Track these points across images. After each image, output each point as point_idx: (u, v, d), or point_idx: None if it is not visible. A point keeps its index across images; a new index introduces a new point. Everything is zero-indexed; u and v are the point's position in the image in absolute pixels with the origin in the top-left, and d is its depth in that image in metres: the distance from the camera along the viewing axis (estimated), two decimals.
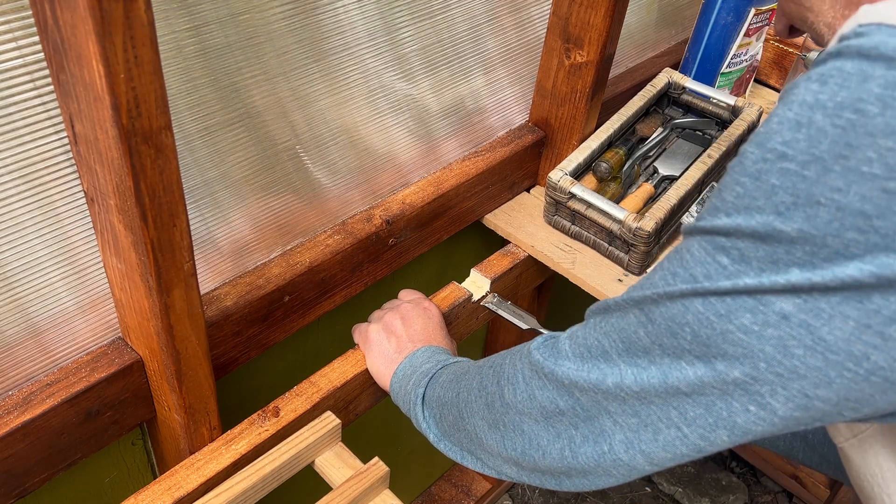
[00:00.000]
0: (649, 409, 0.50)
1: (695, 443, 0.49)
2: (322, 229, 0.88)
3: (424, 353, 0.81)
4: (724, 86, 1.21)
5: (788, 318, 0.42)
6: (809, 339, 0.42)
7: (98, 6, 0.46)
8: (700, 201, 1.01)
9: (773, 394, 0.45)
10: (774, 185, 0.42)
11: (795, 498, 1.69)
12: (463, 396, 0.69)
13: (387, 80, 0.85)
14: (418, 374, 0.78)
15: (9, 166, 0.59)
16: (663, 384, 0.49)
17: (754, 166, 0.43)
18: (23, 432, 0.68)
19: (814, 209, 0.41)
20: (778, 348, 0.43)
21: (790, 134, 0.42)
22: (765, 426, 0.46)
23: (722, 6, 1.13)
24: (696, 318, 0.46)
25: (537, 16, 0.99)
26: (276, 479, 0.76)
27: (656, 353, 0.49)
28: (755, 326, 0.44)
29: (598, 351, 0.53)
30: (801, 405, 0.44)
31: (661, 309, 0.48)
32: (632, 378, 0.51)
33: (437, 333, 0.86)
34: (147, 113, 0.52)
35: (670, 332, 0.48)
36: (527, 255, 1.03)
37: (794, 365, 0.43)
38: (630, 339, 0.51)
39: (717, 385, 0.46)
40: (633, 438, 0.52)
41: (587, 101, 1.01)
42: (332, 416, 0.79)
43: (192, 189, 0.72)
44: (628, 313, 0.52)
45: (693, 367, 0.47)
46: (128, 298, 0.67)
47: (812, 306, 0.42)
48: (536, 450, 0.59)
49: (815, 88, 0.42)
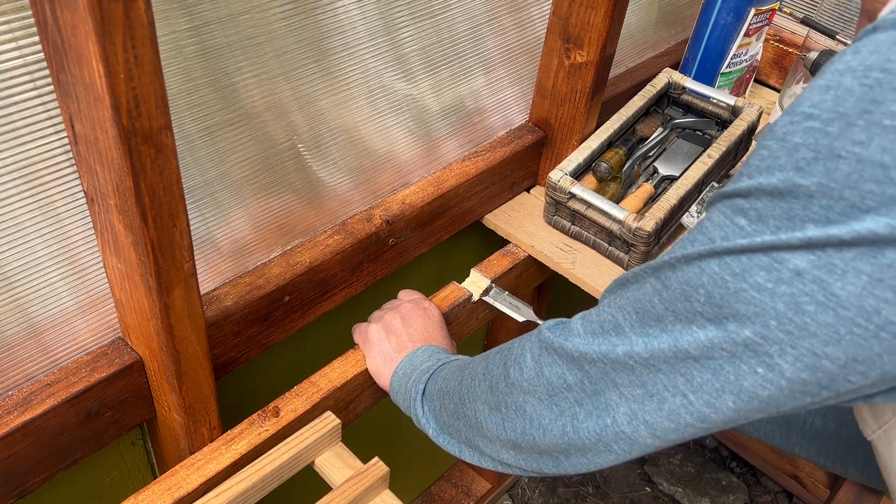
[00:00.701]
0: (656, 377, 0.51)
1: (700, 410, 0.50)
2: (322, 229, 0.88)
3: (425, 352, 0.81)
4: (724, 86, 1.21)
5: (802, 275, 0.43)
6: (822, 294, 0.42)
7: (98, 6, 0.46)
8: (700, 201, 1.01)
9: (782, 353, 0.45)
10: (797, 144, 0.43)
11: (795, 498, 1.69)
12: (466, 383, 0.69)
13: (387, 80, 0.85)
14: (419, 372, 0.78)
15: (9, 166, 0.59)
16: (673, 348, 0.49)
17: (781, 130, 0.44)
18: (23, 432, 0.68)
19: (834, 162, 0.41)
20: (790, 305, 0.43)
21: (818, 97, 0.43)
22: (771, 389, 0.46)
23: (722, 6, 1.13)
24: (711, 279, 0.47)
25: (537, 16, 0.99)
26: (276, 479, 0.76)
27: (669, 320, 0.50)
28: (769, 284, 0.44)
29: (610, 325, 0.54)
30: (809, 364, 0.44)
31: (678, 273, 0.49)
32: (642, 346, 0.51)
33: (438, 333, 0.87)
34: (147, 113, 0.52)
35: (684, 296, 0.48)
36: (527, 255, 1.03)
37: (804, 322, 0.43)
38: (644, 309, 0.52)
39: (727, 346, 0.47)
40: (638, 409, 0.53)
41: (587, 101, 1.01)
42: (332, 416, 0.79)
43: (192, 189, 0.72)
44: (645, 283, 0.52)
45: (704, 330, 0.48)
46: (128, 298, 0.67)
47: (825, 262, 0.42)
48: (537, 428, 0.60)
49: (847, 58, 0.43)
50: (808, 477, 1.56)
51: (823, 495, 1.54)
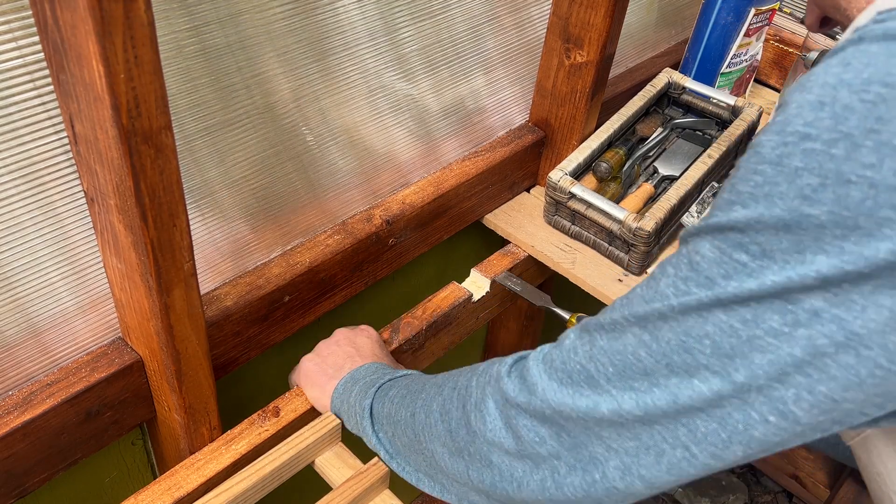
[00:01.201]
0: (652, 430, 0.46)
1: (704, 462, 0.46)
2: (322, 229, 0.88)
3: (367, 368, 0.76)
4: (724, 86, 1.21)
5: (819, 315, 0.40)
6: (841, 335, 0.39)
7: (98, 6, 0.46)
8: (700, 201, 1.01)
9: (798, 400, 0.42)
10: (798, 168, 0.39)
11: (795, 498, 1.69)
12: (420, 418, 0.63)
13: (387, 80, 0.85)
14: (362, 385, 0.73)
15: (9, 166, 0.59)
16: (672, 405, 0.45)
17: (774, 152, 0.41)
18: (23, 432, 0.67)
19: (844, 188, 0.38)
20: (808, 349, 0.40)
21: (812, 114, 0.40)
22: (784, 436, 0.43)
23: (722, 6, 1.13)
24: (718, 328, 0.43)
25: (537, 16, 0.99)
26: (276, 479, 0.76)
27: (661, 374, 0.45)
28: (785, 328, 0.41)
29: (581, 377, 0.49)
30: (826, 410, 0.41)
31: (672, 324, 0.44)
32: (632, 403, 0.46)
33: (379, 352, 0.81)
34: (147, 113, 0.52)
35: (683, 349, 0.44)
36: (527, 255, 1.03)
37: (824, 364, 0.40)
38: (626, 363, 0.47)
39: (737, 397, 0.43)
40: (632, 463, 0.48)
41: (587, 101, 1.01)
42: (333, 416, 0.79)
43: (192, 189, 0.72)
44: (625, 333, 0.47)
45: (708, 384, 0.44)
46: (128, 298, 0.67)
47: (844, 299, 0.39)
48: (510, 482, 0.54)
49: (837, 71, 0.40)
50: (808, 477, 1.56)
51: (823, 495, 1.54)
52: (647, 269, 1.00)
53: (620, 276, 0.99)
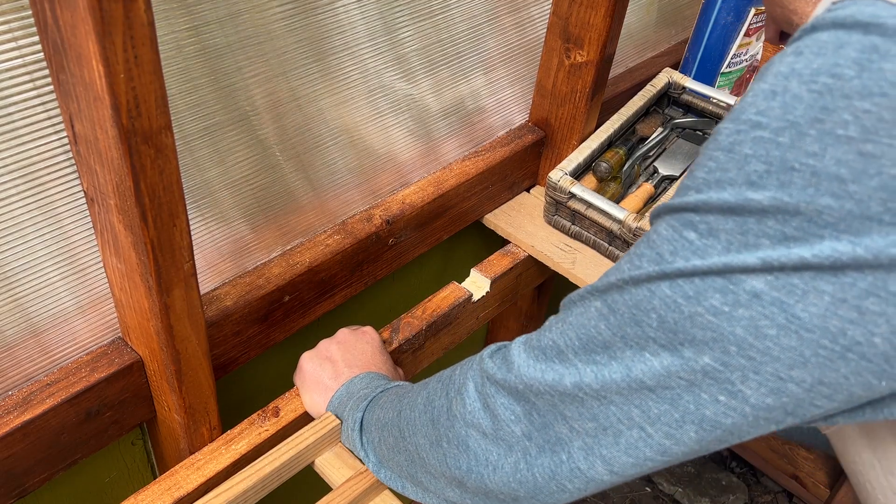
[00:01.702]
0: (608, 409, 0.48)
1: (660, 442, 0.47)
2: (322, 229, 0.88)
3: (363, 379, 0.77)
4: (725, 86, 1.21)
5: (760, 297, 0.41)
6: (783, 317, 0.40)
7: (98, 6, 0.46)
8: None
9: (745, 380, 0.42)
10: (747, 155, 0.41)
11: (795, 498, 1.69)
12: (405, 414, 0.65)
13: (387, 80, 0.85)
14: (355, 399, 0.74)
15: (9, 166, 0.59)
16: (626, 378, 0.46)
17: (727, 139, 0.42)
18: (23, 432, 0.68)
19: (788, 175, 0.39)
20: (749, 329, 0.41)
21: (764, 103, 0.41)
22: (735, 417, 0.44)
23: (722, 6, 1.13)
24: (663, 302, 0.44)
25: (537, 16, 0.99)
26: (276, 479, 0.76)
27: (617, 347, 0.47)
28: (725, 307, 0.42)
29: (553, 352, 0.51)
30: (773, 389, 0.42)
31: (625, 296, 0.46)
32: (591, 376, 0.48)
33: (378, 358, 0.81)
34: (147, 113, 0.52)
35: (634, 321, 0.46)
36: (527, 255, 1.03)
37: (766, 346, 0.41)
38: (589, 335, 0.48)
39: (685, 375, 0.44)
40: (593, 444, 0.49)
41: (587, 100, 1.01)
42: (333, 416, 0.79)
43: (192, 189, 0.72)
44: (590, 306, 0.49)
45: (658, 358, 0.45)
46: (128, 298, 0.67)
47: (784, 283, 0.40)
48: (485, 466, 0.56)
49: (790, 60, 0.41)
50: (808, 477, 1.56)
51: (823, 495, 1.54)
52: None
53: None
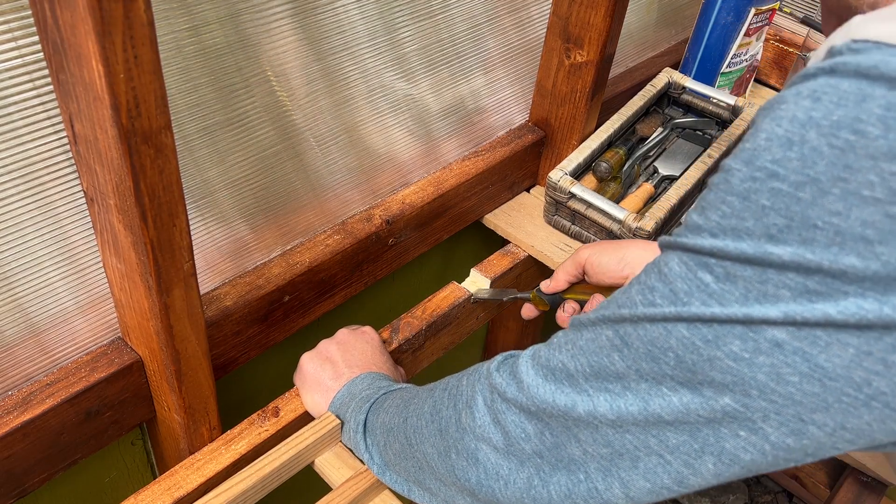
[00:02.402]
0: (624, 437, 0.47)
1: (678, 470, 0.47)
2: (322, 229, 0.88)
3: (364, 379, 0.76)
4: (725, 86, 1.21)
5: (781, 346, 0.40)
6: (805, 366, 0.40)
7: (98, 6, 0.46)
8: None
9: (766, 419, 0.42)
10: (765, 207, 0.40)
11: (795, 498, 1.69)
12: (412, 422, 0.64)
13: (387, 79, 0.85)
14: (358, 400, 0.74)
15: (9, 166, 0.59)
16: (643, 412, 0.46)
17: (742, 185, 0.41)
18: (23, 432, 0.67)
19: (810, 232, 0.38)
20: (771, 376, 0.41)
21: (781, 152, 0.39)
22: (754, 453, 0.44)
23: (722, 6, 1.12)
24: (681, 343, 0.43)
25: (537, 16, 0.99)
26: (275, 479, 0.76)
27: (632, 379, 0.46)
28: (745, 354, 0.41)
29: (563, 374, 0.50)
30: (794, 430, 0.42)
31: (640, 331, 0.45)
32: (606, 406, 0.47)
33: (378, 358, 0.81)
34: (147, 113, 0.52)
35: (650, 357, 0.45)
36: (527, 254, 1.03)
37: (788, 392, 0.41)
38: (601, 364, 0.48)
39: (705, 413, 0.44)
40: (610, 466, 0.49)
41: (587, 100, 1.00)
42: (333, 416, 0.79)
43: (192, 189, 0.72)
44: (601, 334, 0.48)
45: (677, 394, 0.44)
46: (127, 298, 0.67)
47: (807, 334, 0.39)
48: (496, 480, 0.55)
49: (806, 105, 0.39)
50: (808, 477, 1.56)
51: (823, 495, 1.54)
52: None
53: None
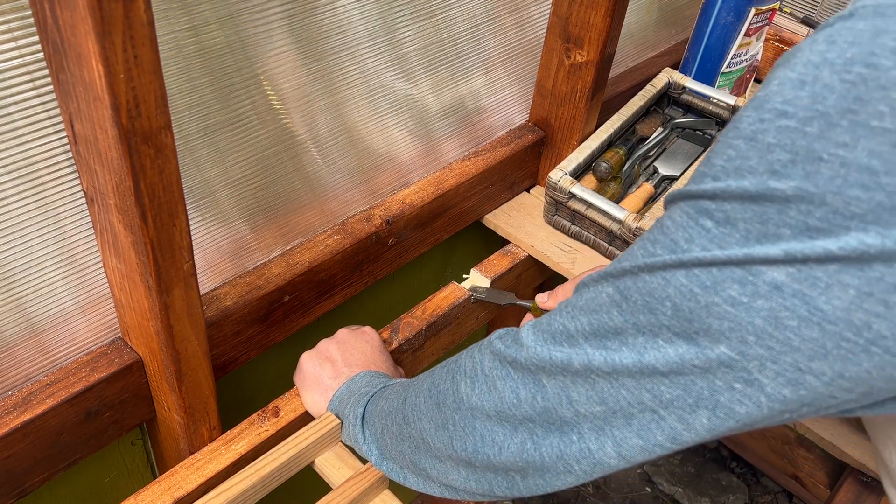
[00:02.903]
0: (619, 392, 0.47)
1: (672, 426, 0.46)
2: (322, 229, 0.88)
3: (364, 377, 0.77)
4: (725, 86, 1.21)
5: (781, 289, 0.39)
6: (804, 309, 0.39)
7: (98, 6, 0.46)
8: None
9: (762, 369, 0.41)
10: (771, 144, 0.39)
11: (795, 498, 1.69)
12: (410, 400, 0.65)
13: (387, 79, 0.85)
14: (356, 396, 0.74)
15: (9, 166, 0.59)
16: (637, 364, 0.46)
17: (749, 127, 0.40)
18: (23, 432, 0.67)
19: (814, 165, 0.38)
20: (769, 320, 0.40)
21: (792, 92, 0.39)
22: (750, 405, 0.43)
23: (722, 6, 1.13)
24: (678, 291, 0.43)
25: (537, 16, 0.99)
26: (275, 479, 0.76)
27: (629, 333, 0.46)
28: (744, 298, 0.40)
29: (562, 335, 0.50)
30: (791, 380, 0.41)
31: (639, 284, 0.45)
32: (601, 359, 0.47)
33: (377, 357, 0.81)
34: (147, 113, 0.52)
35: (648, 308, 0.45)
36: (527, 255, 1.03)
37: (786, 337, 0.40)
38: (601, 321, 0.48)
39: (700, 363, 0.43)
40: (603, 425, 0.49)
41: (587, 100, 1.00)
42: (333, 416, 0.79)
43: (192, 189, 0.72)
44: (601, 292, 0.48)
45: (672, 345, 0.44)
46: (127, 298, 0.67)
47: (807, 275, 0.38)
48: (491, 446, 0.56)
49: (821, 48, 0.39)
50: (808, 477, 1.56)
51: (823, 495, 1.54)
52: None
53: None
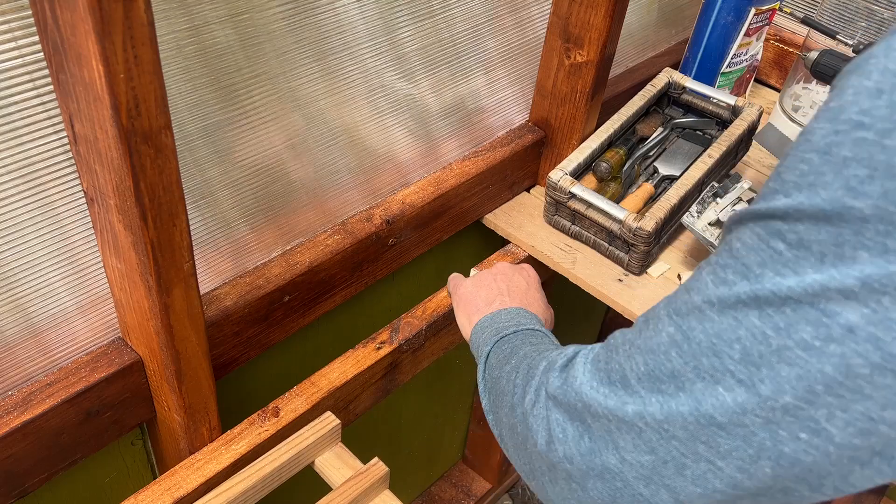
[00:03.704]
0: (669, 444, 0.45)
1: (731, 475, 0.43)
2: (322, 229, 0.88)
3: (510, 313, 0.77)
4: (725, 85, 1.21)
5: (854, 332, 0.37)
6: (878, 355, 0.37)
7: (98, 6, 0.46)
8: (700, 201, 1.01)
9: (830, 418, 0.39)
10: (847, 158, 0.37)
11: None
12: (501, 384, 0.64)
13: (387, 79, 0.85)
14: (492, 329, 0.74)
15: (9, 166, 0.59)
16: (694, 413, 0.43)
17: (823, 140, 0.38)
18: (23, 432, 0.67)
19: (894, 181, 0.35)
20: (839, 367, 0.38)
21: (868, 102, 0.37)
22: (817, 455, 0.40)
23: (722, 6, 1.13)
24: (750, 333, 0.41)
25: (537, 16, 0.99)
26: (276, 479, 0.76)
27: (687, 378, 0.43)
28: (816, 342, 0.38)
29: (618, 375, 0.48)
30: (862, 430, 0.39)
31: (705, 324, 0.43)
32: (657, 406, 0.45)
33: (533, 295, 0.82)
34: (147, 113, 0.52)
35: (713, 351, 0.42)
36: (527, 254, 1.03)
37: (857, 385, 0.38)
38: (658, 362, 0.45)
39: (762, 412, 0.41)
40: (652, 475, 0.46)
41: (587, 100, 1.00)
42: (332, 416, 0.79)
43: (192, 189, 0.72)
44: (661, 331, 0.46)
45: (732, 393, 0.41)
46: (127, 298, 0.67)
47: (882, 317, 0.36)
48: (540, 475, 0.54)
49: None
50: None
51: None
52: (647, 268, 1.00)
53: (620, 276, 0.99)
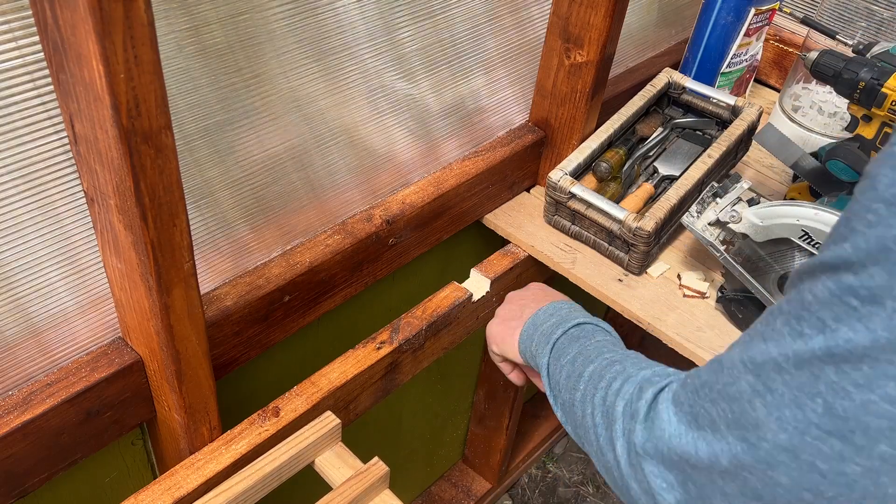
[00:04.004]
0: (775, 491, 0.44)
1: None
2: (322, 229, 0.88)
3: (547, 310, 0.77)
4: (725, 86, 1.21)
5: None
6: None
7: (98, 6, 0.46)
8: (700, 201, 1.01)
9: None
10: None
11: None
12: (577, 412, 0.64)
13: (387, 79, 0.85)
14: (539, 334, 0.75)
15: (9, 166, 0.59)
16: (794, 461, 0.43)
17: (889, 190, 0.38)
18: (23, 432, 0.68)
19: None
20: None
21: None
22: None
23: (722, 6, 1.13)
24: (830, 388, 0.40)
25: (537, 16, 0.99)
26: (276, 479, 0.76)
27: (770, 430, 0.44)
28: None
29: (705, 420, 0.48)
30: None
31: (785, 377, 0.43)
32: (750, 457, 0.45)
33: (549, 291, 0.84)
34: (147, 113, 0.52)
35: (795, 404, 0.42)
36: (527, 254, 1.03)
37: None
38: (743, 410, 0.45)
39: (861, 462, 0.40)
40: None
41: (587, 100, 1.00)
42: (332, 415, 0.79)
43: (192, 189, 0.72)
44: (740, 379, 0.46)
45: (825, 443, 0.41)
46: (128, 298, 0.67)
47: None
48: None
49: None
50: None
51: None
52: (647, 268, 1.00)
53: (620, 276, 0.99)
